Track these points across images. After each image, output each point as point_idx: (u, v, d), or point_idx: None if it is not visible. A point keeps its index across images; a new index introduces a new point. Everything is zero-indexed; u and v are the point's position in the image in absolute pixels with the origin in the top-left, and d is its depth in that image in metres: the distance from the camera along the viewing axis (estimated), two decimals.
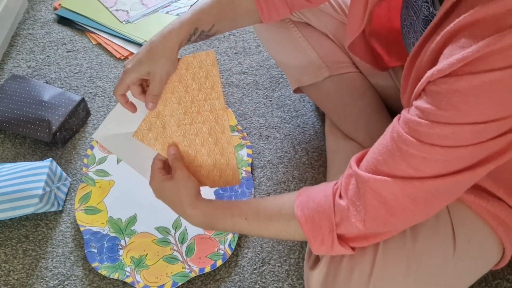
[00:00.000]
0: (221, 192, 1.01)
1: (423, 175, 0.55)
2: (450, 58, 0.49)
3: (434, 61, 0.53)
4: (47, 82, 1.26)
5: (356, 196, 0.60)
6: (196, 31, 0.75)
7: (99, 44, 1.37)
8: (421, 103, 0.53)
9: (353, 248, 0.65)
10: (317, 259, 0.71)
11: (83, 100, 1.14)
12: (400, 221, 0.61)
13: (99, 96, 1.23)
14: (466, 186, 0.59)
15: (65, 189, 1.04)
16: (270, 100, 1.19)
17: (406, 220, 0.61)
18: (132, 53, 1.33)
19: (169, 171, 0.77)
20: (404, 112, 0.56)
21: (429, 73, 0.51)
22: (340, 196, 0.62)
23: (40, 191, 0.95)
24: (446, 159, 0.54)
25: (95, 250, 0.94)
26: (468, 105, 0.49)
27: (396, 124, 0.57)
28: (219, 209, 0.72)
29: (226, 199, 1.00)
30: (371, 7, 0.71)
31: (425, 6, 0.62)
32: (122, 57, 1.32)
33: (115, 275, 0.90)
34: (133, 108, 0.76)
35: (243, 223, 0.70)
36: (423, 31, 0.63)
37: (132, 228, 0.98)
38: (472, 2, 0.48)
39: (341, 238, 0.63)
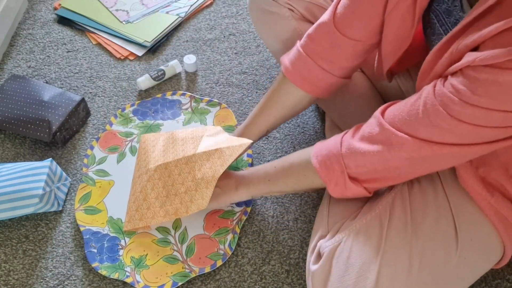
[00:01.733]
0: None
1: (443, 141, 0.60)
2: (495, 50, 0.52)
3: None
4: (47, 82, 1.26)
5: (371, 133, 0.67)
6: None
7: (99, 44, 1.37)
8: (457, 82, 0.57)
9: (369, 192, 0.71)
10: (320, 255, 0.72)
11: (83, 100, 1.14)
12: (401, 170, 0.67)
13: (99, 96, 1.23)
14: (475, 156, 0.63)
15: (65, 189, 1.04)
16: None
17: (409, 169, 0.67)
18: (132, 53, 1.33)
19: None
20: (439, 84, 0.60)
21: (470, 57, 0.55)
22: (352, 135, 0.71)
23: (40, 191, 0.95)
24: (470, 135, 0.58)
25: (95, 250, 0.94)
26: (505, 96, 0.53)
27: (432, 93, 0.60)
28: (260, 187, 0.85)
29: None
30: (419, 17, 0.70)
31: (456, 10, 0.65)
32: (122, 57, 1.32)
33: (115, 275, 0.90)
34: None
35: (272, 192, 0.85)
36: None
37: None
38: None
39: (353, 178, 0.70)
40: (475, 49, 0.56)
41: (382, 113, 0.68)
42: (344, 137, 0.72)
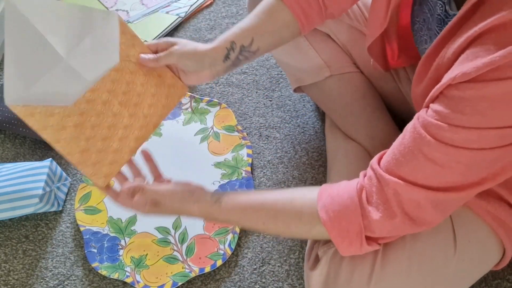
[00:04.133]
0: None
1: (446, 184, 0.55)
2: (475, 61, 0.48)
3: (455, 63, 0.52)
4: None
5: (381, 200, 0.60)
6: (234, 46, 0.72)
7: None
8: (441, 108, 0.53)
9: (379, 244, 0.64)
10: (317, 259, 0.71)
11: None
12: (428, 219, 0.61)
13: None
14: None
15: (65, 189, 1.04)
16: (270, 100, 1.19)
17: (431, 220, 0.61)
18: None
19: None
20: (423, 114, 0.56)
21: (451, 75, 0.50)
22: (367, 200, 0.61)
23: (40, 191, 0.95)
24: (470, 162, 0.54)
25: (95, 250, 0.94)
26: (496, 111, 0.49)
27: (418, 125, 0.56)
28: (233, 212, 0.70)
29: None
30: (394, 6, 0.70)
31: (439, 5, 0.61)
32: None
33: (115, 275, 0.90)
34: None
35: (260, 227, 0.69)
36: (437, 29, 0.63)
37: (132, 228, 0.98)
38: (498, 5, 0.48)
39: (369, 238, 0.63)
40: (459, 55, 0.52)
41: (379, 162, 0.62)
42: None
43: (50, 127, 0.64)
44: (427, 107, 0.56)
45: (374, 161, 0.62)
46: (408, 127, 0.58)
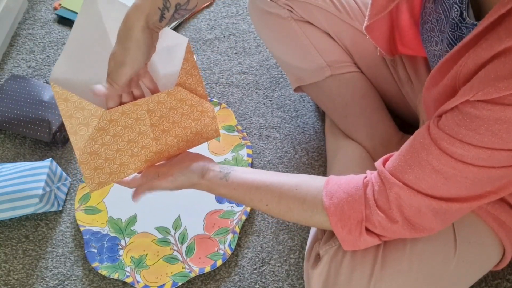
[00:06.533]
0: None
1: (449, 195, 0.56)
2: (496, 82, 0.47)
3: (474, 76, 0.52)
4: (47, 82, 1.26)
5: (382, 201, 0.61)
6: (167, 4, 0.62)
7: None
8: (455, 123, 0.53)
9: (380, 239, 0.65)
10: (318, 258, 0.71)
11: None
12: (427, 224, 0.61)
13: None
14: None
15: (65, 189, 1.04)
16: (270, 100, 1.19)
17: (430, 226, 0.61)
18: None
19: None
20: (434, 126, 0.56)
21: (470, 91, 0.50)
22: (372, 194, 0.62)
23: (40, 191, 0.95)
24: (476, 177, 0.54)
25: (95, 250, 0.94)
26: (510, 134, 0.49)
27: (428, 137, 0.56)
28: (238, 190, 0.71)
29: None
30: None
31: (455, 8, 0.60)
32: None
33: (115, 275, 0.90)
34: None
35: (263, 208, 0.70)
36: (450, 34, 0.63)
37: (132, 228, 0.98)
38: None
39: (369, 230, 0.63)
40: (478, 70, 0.52)
41: (384, 163, 0.63)
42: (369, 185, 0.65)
43: (76, 119, 0.64)
44: (439, 116, 0.56)
45: (379, 163, 0.63)
46: (418, 135, 0.58)
